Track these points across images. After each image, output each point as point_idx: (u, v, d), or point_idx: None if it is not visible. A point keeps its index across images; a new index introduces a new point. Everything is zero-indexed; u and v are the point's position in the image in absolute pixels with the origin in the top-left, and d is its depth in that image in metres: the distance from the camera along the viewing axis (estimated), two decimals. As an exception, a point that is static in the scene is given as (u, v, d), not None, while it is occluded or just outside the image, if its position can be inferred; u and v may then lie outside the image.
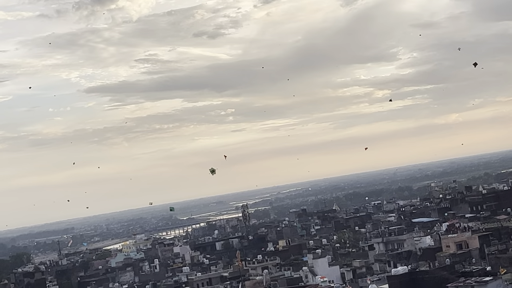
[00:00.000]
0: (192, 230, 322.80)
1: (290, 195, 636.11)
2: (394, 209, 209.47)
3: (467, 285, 65.17)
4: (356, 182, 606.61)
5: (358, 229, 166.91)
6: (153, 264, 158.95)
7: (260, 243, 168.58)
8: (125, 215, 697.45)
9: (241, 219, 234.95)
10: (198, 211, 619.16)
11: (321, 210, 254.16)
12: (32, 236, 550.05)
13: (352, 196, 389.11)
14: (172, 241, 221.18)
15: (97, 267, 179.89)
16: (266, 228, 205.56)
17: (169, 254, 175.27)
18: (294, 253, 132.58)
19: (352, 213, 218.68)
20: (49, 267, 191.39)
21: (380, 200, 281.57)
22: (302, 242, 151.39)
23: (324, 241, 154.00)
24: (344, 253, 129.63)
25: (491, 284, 64.46)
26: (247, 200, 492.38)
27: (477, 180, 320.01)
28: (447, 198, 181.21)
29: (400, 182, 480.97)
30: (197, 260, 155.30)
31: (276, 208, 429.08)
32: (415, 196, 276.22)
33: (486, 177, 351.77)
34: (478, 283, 64.79)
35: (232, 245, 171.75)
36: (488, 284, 64.34)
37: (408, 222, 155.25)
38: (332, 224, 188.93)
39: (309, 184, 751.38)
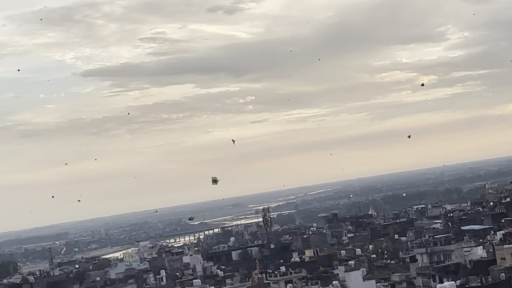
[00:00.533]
0: (205, 237, 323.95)
1: (318, 197, 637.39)
2: (440, 215, 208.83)
3: (525, 304, 64.88)
4: (396, 183, 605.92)
5: (398, 238, 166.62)
6: (159, 276, 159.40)
7: (284, 252, 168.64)
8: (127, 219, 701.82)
9: (262, 225, 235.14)
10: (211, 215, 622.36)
11: (355, 215, 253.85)
12: (20, 242, 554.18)
13: (391, 199, 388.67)
14: (181, 249, 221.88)
15: (95, 278, 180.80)
16: (291, 236, 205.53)
17: (178, 264, 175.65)
18: (323, 264, 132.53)
19: (391, 218, 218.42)
20: (39, 278, 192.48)
21: (424, 204, 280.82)
22: (332, 252, 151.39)
23: (358, 251, 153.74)
24: (382, 266, 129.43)
25: (554, 304, 64.10)
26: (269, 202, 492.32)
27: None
28: (502, 202, 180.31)
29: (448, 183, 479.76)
30: (210, 272, 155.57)
31: (302, 212, 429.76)
32: (465, 200, 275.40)
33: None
34: (539, 302, 64.46)
35: (250, 255, 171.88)
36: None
37: (457, 230, 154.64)
38: (367, 232, 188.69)
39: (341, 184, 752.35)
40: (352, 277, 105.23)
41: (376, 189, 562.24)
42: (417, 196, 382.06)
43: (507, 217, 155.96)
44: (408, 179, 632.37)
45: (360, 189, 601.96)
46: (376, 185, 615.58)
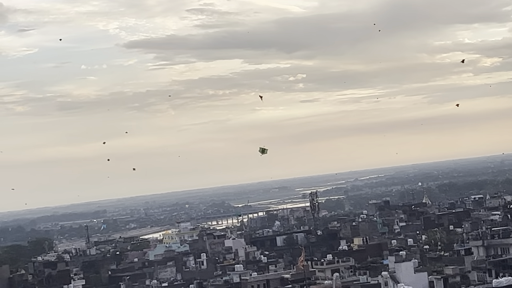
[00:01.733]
0: (248, 221, 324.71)
1: (370, 183, 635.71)
2: (499, 206, 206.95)
3: None
4: (453, 171, 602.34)
5: (453, 229, 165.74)
6: (199, 259, 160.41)
7: (331, 240, 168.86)
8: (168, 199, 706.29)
9: (309, 210, 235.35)
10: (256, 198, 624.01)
11: (408, 203, 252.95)
12: (56, 219, 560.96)
13: (448, 188, 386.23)
14: (223, 232, 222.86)
15: (132, 259, 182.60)
16: (339, 222, 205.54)
17: (219, 248, 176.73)
18: (372, 254, 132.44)
19: (447, 208, 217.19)
20: (75, 256, 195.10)
21: (483, 194, 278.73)
22: (382, 241, 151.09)
23: (410, 241, 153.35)
24: (435, 257, 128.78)
25: None
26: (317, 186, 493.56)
27: None
28: None
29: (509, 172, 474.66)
30: (253, 257, 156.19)
31: (352, 198, 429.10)
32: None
33: None
34: None
35: (296, 241, 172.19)
36: None
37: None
38: (421, 221, 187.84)
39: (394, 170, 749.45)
40: (403, 268, 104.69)
41: (432, 176, 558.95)
42: (475, 185, 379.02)
43: None
44: (466, 167, 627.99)
45: (414, 176, 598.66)
46: (432, 172, 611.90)
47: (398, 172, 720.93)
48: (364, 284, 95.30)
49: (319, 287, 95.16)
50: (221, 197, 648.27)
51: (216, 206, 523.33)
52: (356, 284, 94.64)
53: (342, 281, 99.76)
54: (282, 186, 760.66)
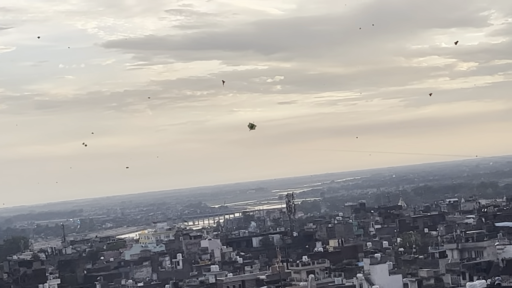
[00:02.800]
0: (225, 221, 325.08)
1: (346, 185, 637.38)
2: (473, 210, 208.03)
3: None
4: (428, 174, 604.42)
5: (428, 232, 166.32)
6: (175, 259, 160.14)
7: (307, 241, 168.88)
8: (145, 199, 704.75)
9: (285, 211, 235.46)
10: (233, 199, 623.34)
11: (384, 205, 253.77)
12: (32, 218, 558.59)
13: (423, 191, 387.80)
14: (199, 233, 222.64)
15: (108, 259, 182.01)
16: (315, 224, 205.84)
17: (196, 248, 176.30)
18: (347, 256, 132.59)
19: (422, 211, 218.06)
20: (51, 255, 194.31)
21: (457, 197, 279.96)
22: (358, 243, 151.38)
23: (385, 243, 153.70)
24: (409, 260, 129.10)
25: None
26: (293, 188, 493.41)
27: None
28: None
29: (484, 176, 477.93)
30: (228, 258, 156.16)
31: (328, 200, 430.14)
32: (501, 195, 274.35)
33: None
34: None
35: (272, 242, 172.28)
36: None
37: (490, 227, 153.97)
38: (396, 224, 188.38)
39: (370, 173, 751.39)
40: (378, 270, 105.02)
41: (408, 179, 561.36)
42: (450, 188, 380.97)
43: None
44: (441, 170, 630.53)
45: (390, 179, 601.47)
46: (408, 175, 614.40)
47: (374, 174, 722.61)
48: (339, 286, 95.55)
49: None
50: (198, 197, 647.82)
51: (193, 207, 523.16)
52: (331, 286, 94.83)
53: (317, 283, 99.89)
54: (259, 187, 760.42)
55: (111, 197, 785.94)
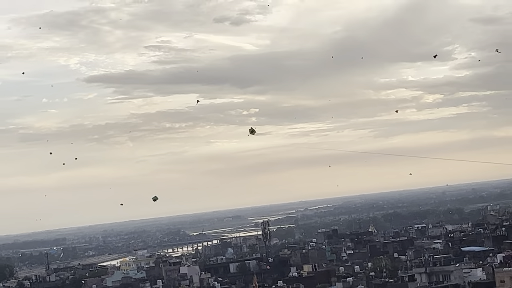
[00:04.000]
0: (203, 248, 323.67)
1: (319, 212, 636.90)
2: (441, 235, 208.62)
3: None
4: (397, 201, 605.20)
5: (397, 256, 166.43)
6: (155, 285, 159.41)
7: (282, 267, 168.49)
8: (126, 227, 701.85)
9: (261, 238, 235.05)
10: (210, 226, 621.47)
11: (355, 231, 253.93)
12: (17, 246, 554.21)
13: (392, 217, 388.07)
14: (179, 259, 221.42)
15: (91, 286, 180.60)
16: (290, 250, 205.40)
17: (175, 274, 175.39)
18: (321, 280, 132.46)
19: (392, 237, 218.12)
20: (35, 283, 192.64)
21: (425, 223, 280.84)
22: (331, 268, 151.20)
23: (356, 268, 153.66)
24: (380, 284, 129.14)
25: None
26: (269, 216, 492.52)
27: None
28: (504, 224, 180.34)
29: (450, 203, 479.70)
30: (207, 283, 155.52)
31: (302, 227, 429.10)
32: (467, 221, 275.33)
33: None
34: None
35: (248, 268, 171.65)
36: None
37: (457, 251, 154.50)
38: (367, 249, 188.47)
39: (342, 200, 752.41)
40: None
41: (378, 206, 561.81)
42: (418, 215, 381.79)
43: (507, 240, 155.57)
44: (410, 198, 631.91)
45: (361, 206, 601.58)
46: (378, 203, 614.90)
47: (345, 202, 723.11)
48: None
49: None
50: (177, 225, 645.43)
51: (172, 234, 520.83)
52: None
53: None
54: (236, 215, 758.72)
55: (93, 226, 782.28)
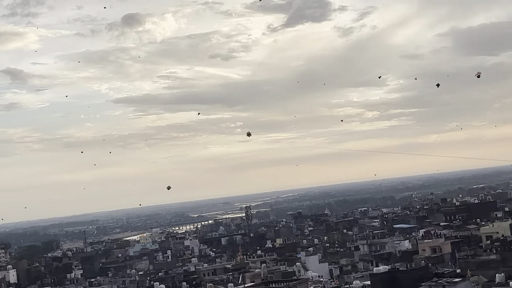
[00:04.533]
0: (201, 226, 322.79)
1: (287, 199, 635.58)
2: (378, 216, 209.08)
3: (438, 285, 64.95)
4: (346, 191, 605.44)
5: (346, 232, 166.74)
6: (166, 254, 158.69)
7: (260, 240, 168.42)
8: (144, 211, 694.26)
9: (244, 219, 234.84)
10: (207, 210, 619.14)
11: (314, 214, 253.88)
12: (62, 226, 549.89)
13: (342, 203, 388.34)
14: (183, 235, 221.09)
15: (117, 255, 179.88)
16: (266, 227, 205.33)
17: (180, 246, 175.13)
18: (289, 250, 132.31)
19: (341, 217, 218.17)
20: (75, 253, 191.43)
21: (366, 207, 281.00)
22: (296, 241, 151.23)
23: (315, 241, 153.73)
24: (333, 252, 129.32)
25: (460, 285, 64.22)
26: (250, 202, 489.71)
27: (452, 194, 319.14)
28: (424, 208, 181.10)
29: (385, 192, 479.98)
30: (204, 253, 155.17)
31: (275, 210, 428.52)
32: (397, 205, 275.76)
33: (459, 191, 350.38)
34: (449, 284, 64.58)
35: (235, 241, 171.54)
36: (457, 285, 64.10)
37: (390, 228, 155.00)
38: (323, 227, 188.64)
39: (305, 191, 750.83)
40: (311, 260, 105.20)
41: (331, 195, 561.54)
42: (361, 201, 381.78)
43: (427, 219, 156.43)
44: (355, 188, 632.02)
45: (319, 195, 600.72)
46: (331, 192, 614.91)
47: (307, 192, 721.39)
48: (284, 272, 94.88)
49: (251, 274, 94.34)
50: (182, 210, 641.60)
51: (178, 216, 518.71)
52: (277, 272, 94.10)
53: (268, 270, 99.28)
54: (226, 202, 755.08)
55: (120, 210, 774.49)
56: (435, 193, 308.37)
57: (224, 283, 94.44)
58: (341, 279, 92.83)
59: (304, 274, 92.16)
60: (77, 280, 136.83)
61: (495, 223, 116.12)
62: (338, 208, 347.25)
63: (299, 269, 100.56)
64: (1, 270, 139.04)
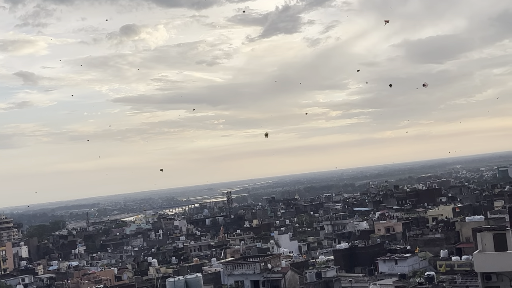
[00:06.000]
0: (189, 209, 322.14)
1: (263, 186, 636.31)
2: (340, 200, 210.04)
3: (391, 260, 65.53)
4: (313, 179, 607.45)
5: (313, 214, 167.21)
6: (158, 233, 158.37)
7: (239, 221, 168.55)
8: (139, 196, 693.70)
9: (226, 202, 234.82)
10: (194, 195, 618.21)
11: (286, 198, 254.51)
12: (67, 208, 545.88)
13: (310, 189, 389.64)
14: (173, 216, 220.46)
15: (116, 233, 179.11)
16: (244, 210, 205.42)
17: (170, 226, 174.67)
18: (264, 229, 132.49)
19: (309, 201, 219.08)
20: (79, 232, 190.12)
21: (330, 193, 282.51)
22: (270, 222, 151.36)
23: (287, 221, 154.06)
24: (302, 232, 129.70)
25: (410, 260, 64.92)
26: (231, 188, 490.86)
27: (403, 182, 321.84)
28: (380, 193, 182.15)
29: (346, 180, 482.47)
30: (191, 232, 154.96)
31: (253, 195, 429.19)
32: (357, 191, 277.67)
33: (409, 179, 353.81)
34: (400, 258, 65.20)
35: (218, 222, 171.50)
36: (407, 259, 64.78)
37: (351, 210, 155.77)
38: (293, 209, 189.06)
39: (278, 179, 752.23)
40: (283, 238, 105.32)
41: (300, 182, 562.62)
42: (326, 188, 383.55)
43: (382, 203, 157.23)
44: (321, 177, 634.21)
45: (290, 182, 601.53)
46: (301, 180, 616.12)
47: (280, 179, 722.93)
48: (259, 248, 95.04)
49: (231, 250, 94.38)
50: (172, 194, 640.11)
51: (169, 200, 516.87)
52: (254, 248, 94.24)
53: (246, 246, 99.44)
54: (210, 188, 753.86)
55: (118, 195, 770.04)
56: (389, 181, 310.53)
57: (208, 257, 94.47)
58: (308, 254, 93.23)
59: (277, 250, 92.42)
60: (81, 255, 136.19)
61: (440, 206, 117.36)
62: (306, 193, 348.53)
63: (272, 246, 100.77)
64: (15, 246, 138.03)
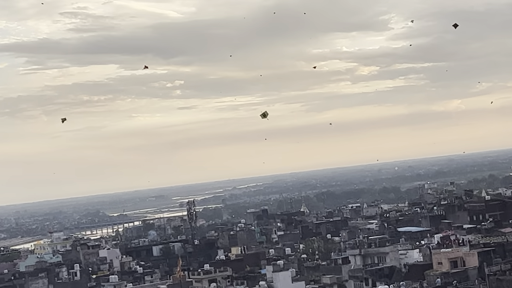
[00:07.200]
0: (124, 230, 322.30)
1: (248, 191, 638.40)
2: (376, 215, 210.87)
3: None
4: (331, 179, 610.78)
5: (330, 238, 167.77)
6: (72, 270, 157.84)
7: (208, 249, 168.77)
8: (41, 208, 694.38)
9: (186, 219, 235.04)
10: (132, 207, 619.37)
11: (286, 212, 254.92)
12: None
13: (325, 196, 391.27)
14: (98, 242, 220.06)
15: (2, 271, 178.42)
16: (217, 232, 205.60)
17: (94, 258, 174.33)
18: (250, 263, 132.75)
19: (324, 217, 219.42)
20: None
21: (360, 202, 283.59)
22: (260, 250, 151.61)
23: (288, 250, 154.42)
24: (312, 267, 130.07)
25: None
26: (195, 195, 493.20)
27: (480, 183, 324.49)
28: (442, 203, 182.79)
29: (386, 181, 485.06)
30: (128, 268, 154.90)
31: (230, 207, 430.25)
32: (403, 200, 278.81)
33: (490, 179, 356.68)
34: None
35: (173, 251, 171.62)
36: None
37: (393, 232, 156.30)
38: (298, 230, 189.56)
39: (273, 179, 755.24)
40: (281, 278, 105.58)
41: (310, 185, 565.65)
42: (352, 194, 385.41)
43: (445, 220, 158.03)
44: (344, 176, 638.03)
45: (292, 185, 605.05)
46: (310, 181, 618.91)
47: (276, 180, 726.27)
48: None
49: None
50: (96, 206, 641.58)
51: (91, 216, 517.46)
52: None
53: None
54: (159, 194, 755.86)
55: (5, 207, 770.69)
56: (456, 183, 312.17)
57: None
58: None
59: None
60: None
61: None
62: (320, 204, 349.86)
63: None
64: None
